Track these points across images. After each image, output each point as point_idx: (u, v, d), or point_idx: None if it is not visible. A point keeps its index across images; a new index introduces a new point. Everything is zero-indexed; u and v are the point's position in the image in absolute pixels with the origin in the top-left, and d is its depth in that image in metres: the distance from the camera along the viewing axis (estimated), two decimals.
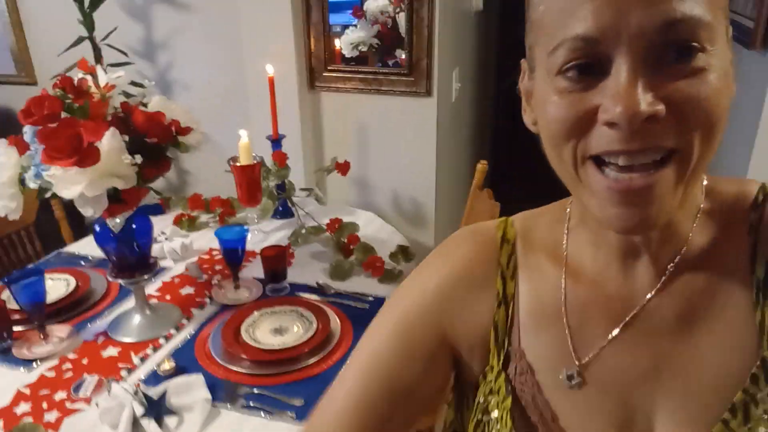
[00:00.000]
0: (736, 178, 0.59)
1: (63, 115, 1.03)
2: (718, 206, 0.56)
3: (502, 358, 0.60)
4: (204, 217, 1.84)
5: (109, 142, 1.00)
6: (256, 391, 1.08)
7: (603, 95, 0.44)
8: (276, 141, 1.80)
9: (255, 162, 1.60)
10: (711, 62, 0.44)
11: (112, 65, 2.04)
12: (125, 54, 2.07)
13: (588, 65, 0.45)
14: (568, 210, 0.62)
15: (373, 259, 1.50)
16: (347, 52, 1.92)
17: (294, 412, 1.03)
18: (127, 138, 1.05)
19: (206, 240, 1.70)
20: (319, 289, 1.43)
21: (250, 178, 1.62)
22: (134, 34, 2.17)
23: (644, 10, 0.42)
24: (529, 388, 0.58)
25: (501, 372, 0.60)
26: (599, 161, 0.46)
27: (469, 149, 2.75)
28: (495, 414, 0.59)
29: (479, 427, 0.60)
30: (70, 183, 0.99)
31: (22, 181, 1.06)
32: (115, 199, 1.07)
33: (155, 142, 1.07)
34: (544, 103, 0.49)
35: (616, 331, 0.55)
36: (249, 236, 1.68)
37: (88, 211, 1.03)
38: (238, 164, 1.60)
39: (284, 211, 1.84)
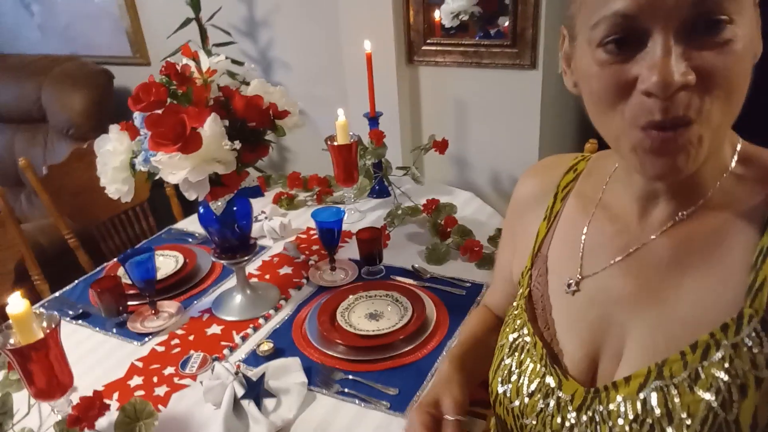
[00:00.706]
0: None
1: (168, 101, 1.06)
2: (752, 173, 0.60)
3: (532, 260, 0.75)
4: (302, 196, 1.86)
5: (211, 127, 1.01)
6: (351, 377, 1.08)
7: (641, 66, 0.50)
8: (373, 119, 1.77)
9: (352, 141, 1.59)
10: (738, 32, 0.49)
11: (217, 45, 2.10)
12: (229, 34, 2.12)
13: (625, 39, 0.51)
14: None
15: (470, 243, 1.44)
16: (447, 22, 1.83)
17: (388, 402, 1.01)
18: (227, 122, 1.06)
19: (304, 219, 1.72)
20: (414, 273, 1.40)
21: (346, 158, 1.60)
22: (237, 13, 2.22)
23: None
24: (542, 286, 0.73)
25: (529, 270, 0.76)
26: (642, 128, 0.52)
27: (576, 126, 2.58)
28: (514, 303, 0.77)
29: (510, 313, 0.78)
30: (175, 168, 1.01)
31: (132, 166, 1.10)
32: (217, 182, 1.09)
33: (254, 127, 1.07)
34: (587, 73, 0.55)
35: (617, 258, 0.65)
36: (345, 216, 1.69)
37: (191, 195, 1.06)
38: (335, 143, 1.59)
39: (381, 190, 1.82)
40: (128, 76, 2.64)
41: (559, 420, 0.65)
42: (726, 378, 0.54)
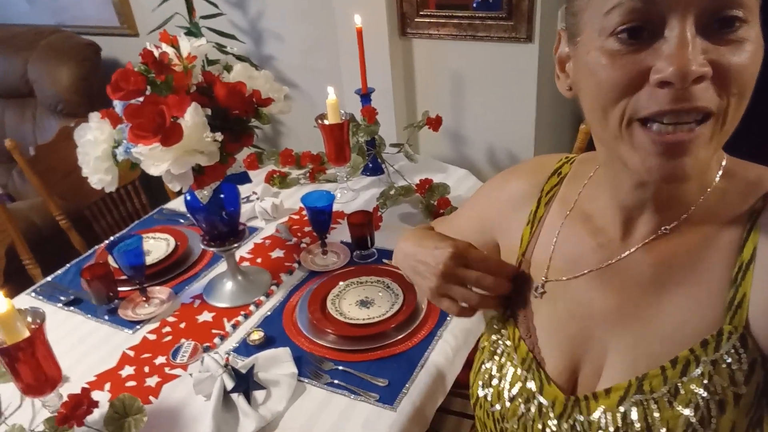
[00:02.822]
0: (763, 166, 0.61)
1: (148, 89, 1.02)
2: (735, 188, 0.59)
3: (517, 263, 0.74)
4: (295, 174, 1.84)
5: (192, 118, 0.98)
6: (341, 368, 1.08)
7: (656, 56, 0.48)
8: (365, 96, 1.73)
9: (343, 120, 1.55)
10: (750, 34, 0.49)
11: (204, 17, 2.04)
12: (216, 5, 2.05)
13: (639, 29, 0.49)
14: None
15: None
16: None
17: (378, 394, 1.02)
18: (209, 111, 1.03)
19: (296, 199, 1.69)
20: None
21: (338, 137, 1.57)
22: None
23: None
24: (525, 292, 0.72)
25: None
26: (645, 121, 0.50)
27: (573, 102, 2.53)
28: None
29: (489, 317, 0.77)
30: (156, 160, 0.99)
31: (114, 155, 1.07)
32: (201, 172, 1.07)
33: (237, 115, 1.04)
34: (594, 65, 0.52)
35: (595, 268, 0.64)
36: (338, 194, 1.67)
37: (175, 186, 1.04)
38: (325, 122, 1.56)
39: (374, 168, 1.79)
40: (117, 46, 2.58)
41: (540, 426, 0.65)
42: (705, 394, 0.55)
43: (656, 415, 0.56)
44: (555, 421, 0.64)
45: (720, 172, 0.60)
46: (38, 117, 2.49)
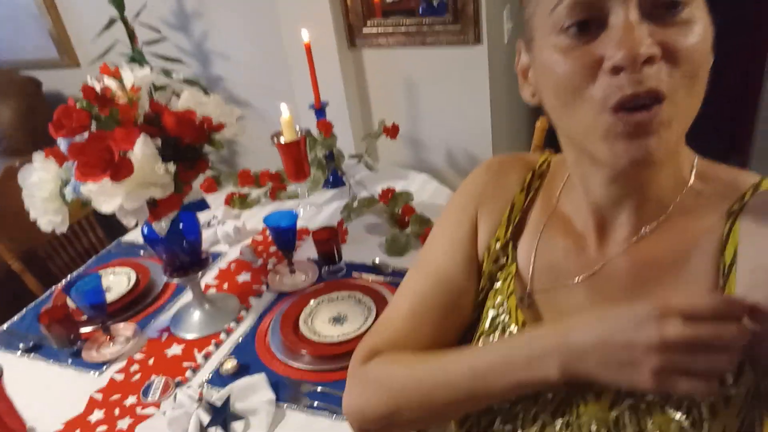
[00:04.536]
0: (738, 169, 0.61)
1: (93, 124, 0.99)
2: (710, 189, 0.59)
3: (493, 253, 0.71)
4: (255, 194, 1.81)
5: (142, 150, 0.95)
6: (319, 388, 1.06)
7: (605, 45, 0.49)
8: (319, 110, 1.72)
9: (299, 137, 1.53)
10: (695, 14, 0.50)
11: (147, 43, 2.00)
12: (158, 31, 2.01)
13: (586, 21, 0.50)
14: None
15: (429, 231, 1.42)
16: None
17: None
18: (159, 142, 1.00)
19: (259, 219, 1.65)
20: (376, 269, 1.38)
21: (295, 154, 1.55)
22: (166, 6, 2.10)
23: None
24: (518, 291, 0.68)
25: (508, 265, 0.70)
26: (613, 110, 0.50)
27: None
28: (498, 284, 0.70)
29: (487, 298, 0.71)
30: (107, 196, 0.95)
31: (63, 195, 1.03)
32: (156, 204, 1.04)
33: (189, 143, 1.01)
34: (549, 64, 0.53)
35: (581, 277, 0.63)
36: (301, 211, 1.65)
37: (130, 222, 1.01)
38: (282, 140, 1.54)
39: (335, 180, 1.78)
40: (59, 79, 2.50)
41: (532, 413, 0.63)
42: (696, 398, 0.54)
43: (648, 419, 0.56)
44: (549, 416, 0.62)
45: (693, 172, 0.60)
46: None
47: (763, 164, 2.39)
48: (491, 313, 0.69)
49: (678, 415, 0.54)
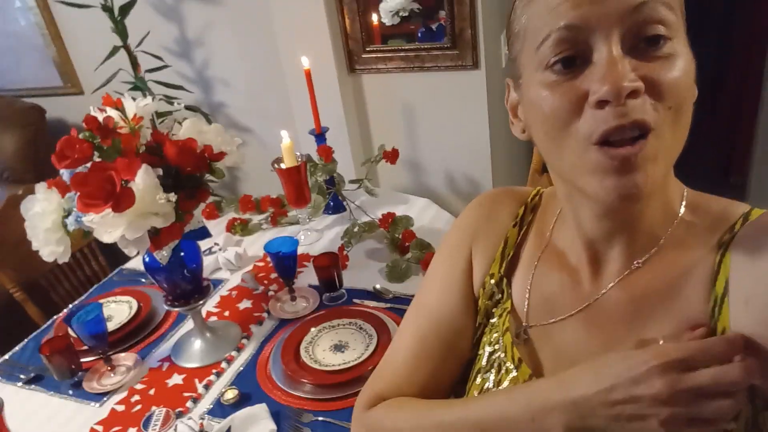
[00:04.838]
0: (728, 200, 0.61)
1: (96, 155, 1.00)
2: (701, 220, 0.60)
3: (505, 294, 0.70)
4: (256, 219, 1.81)
5: (143, 180, 0.96)
6: (321, 418, 1.05)
7: (590, 80, 0.50)
8: (320, 135, 1.73)
9: (299, 163, 1.54)
10: (677, 49, 0.51)
11: (150, 70, 2.02)
12: (160, 58, 2.04)
13: (572, 58, 0.51)
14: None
15: (430, 256, 1.42)
16: (387, 20, 1.79)
17: None
18: (161, 171, 1.01)
19: (260, 245, 1.66)
20: (376, 295, 1.37)
21: (296, 179, 1.56)
22: (168, 34, 2.13)
23: None
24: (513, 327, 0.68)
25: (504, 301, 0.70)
26: (599, 144, 0.51)
27: None
28: (494, 320, 0.70)
29: (484, 333, 0.70)
30: (109, 227, 0.96)
31: (65, 225, 1.04)
32: (158, 233, 1.04)
33: (190, 172, 1.02)
34: (537, 99, 0.54)
35: (575, 311, 0.63)
36: (302, 236, 1.65)
37: (132, 251, 1.01)
38: (282, 166, 1.54)
39: (336, 206, 1.79)
40: (62, 106, 2.53)
41: None
42: None
43: None
44: None
45: (683, 204, 0.61)
46: None
47: (763, 185, 2.39)
48: (488, 349, 0.69)
49: None
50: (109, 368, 1.25)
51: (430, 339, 0.72)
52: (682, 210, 0.60)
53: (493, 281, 0.71)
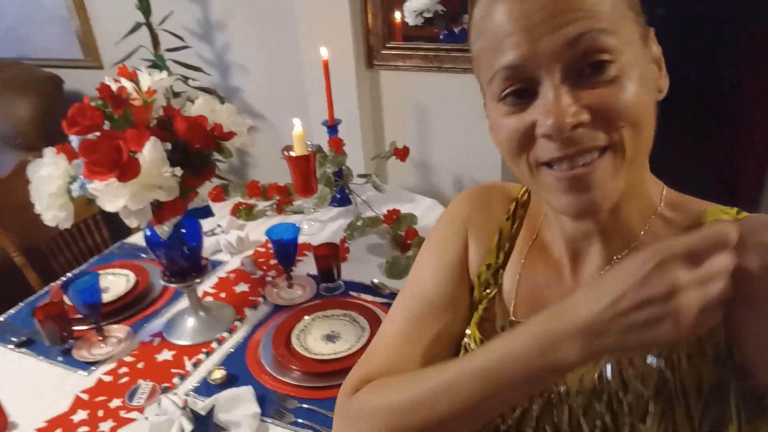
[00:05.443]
0: (712, 203, 0.61)
1: (106, 124, 1.00)
2: (680, 217, 0.61)
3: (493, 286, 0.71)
4: (261, 205, 1.81)
5: (150, 152, 0.96)
6: (305, 406, 1.04)
7: (537, 112, 0.52)
8: (332, 127, 1.73)
9: (309, 152, 1.54)
10: (624, 69, 0.51)
11: (170, 50, 2.03)
12: (181, 38, 2.04)
13: (521, 90, 0.53)
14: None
15: None
16: (411, 20, 1.79)
17: None
18: (170, 145, 1.01)
19: (263, 231, 1.65)
20: (374, 289, 1.37)
21: (304, 169, 1.56)
22: (191, 15, 2.14)
23: (552, 34, 0.50)
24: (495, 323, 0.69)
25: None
26: (549, 164, 0.54)
27: None
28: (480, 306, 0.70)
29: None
30: (112, 196, 0.96)
31: (69, 191, 1.04)
32: (161, 207, 1.04)
33: (198, 149, 1.02)
34: (494, 127, 0.58)
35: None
36: (305, 226, 1.65)
37: (132, 223, 1.01)
38: (291, 154, 1.54)
39: (342, 199, 1.78)
40: (81, 79, 2.54)
41: None
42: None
43: (630, 371, 0.57)
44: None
45: (662, 201, 0.62)
46: None
47: None
48: (466, 340, 0.70)
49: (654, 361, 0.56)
50: (100, 338, 1.25)
51: (423, 323, 0.69)
52: (661, 205, 0.61)
53: (489, 272, 0.71)
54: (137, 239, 1.71)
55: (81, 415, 1.07)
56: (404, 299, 0.74)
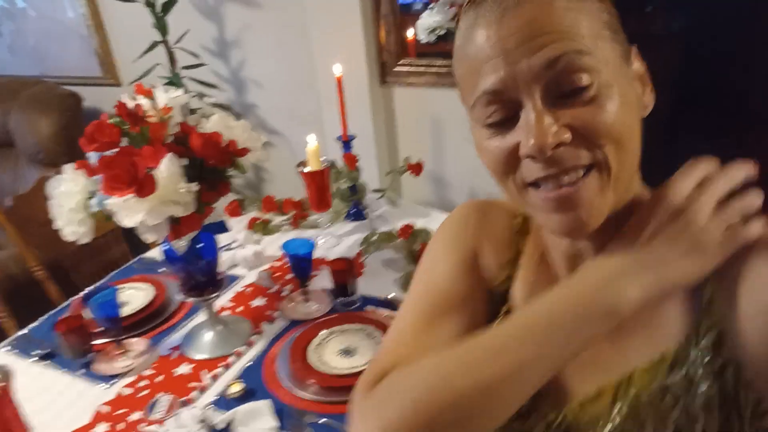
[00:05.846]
0: None
1: (124, 141, 1.02)
2: None
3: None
4: (277, 220, 1.83)
5: (167, 168, 0.98)
6: (323, 420, 1.04)
7: (519, 134, 0.53)
8: (346, 142, 1.74)
9: (323, 167, 1.55)
10: (602, 89, 0.51)
11: (186, 67, 2.06)
12: (197, 56, 2.08)
13: (503, 115, 0.54)
14: None
15: None
16: (424, 38, 1.81)
17: None
18: (186, 161, 1.02)
19: (279, 245, 1.66)
20: (390, 303, 1.37)
21: (319, 184, 1.57)
22: (207, 33, 2.18)
23: (530, 56, 0.50)
24: None
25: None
26: (536, 185, 0.55)
27: None
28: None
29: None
30: (130, 211, 0.98)
31: (89, 206, 1.06)
32: (177, 222, 1.06)
33: (213, 165, 1.04)
34: (479, 150, 0.59)
35: None
36: (321, 241, 1.66)
37: (149, 238, 1.02)
38: (306, 169, 1.56)
39: (357, 214, 1.79)
40: (99, 96, 2.59)
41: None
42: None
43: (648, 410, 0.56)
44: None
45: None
46: (19, 166, 2.48)
47: None
48: None
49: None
50: (120, 352, 1.26)
51: (440, 318, 0.67)
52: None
53: (503, 287, 0.71)
54: (155, 254, 1.73)
55: (102, 427, 1.09)
56: (418, 296, 0.72)
